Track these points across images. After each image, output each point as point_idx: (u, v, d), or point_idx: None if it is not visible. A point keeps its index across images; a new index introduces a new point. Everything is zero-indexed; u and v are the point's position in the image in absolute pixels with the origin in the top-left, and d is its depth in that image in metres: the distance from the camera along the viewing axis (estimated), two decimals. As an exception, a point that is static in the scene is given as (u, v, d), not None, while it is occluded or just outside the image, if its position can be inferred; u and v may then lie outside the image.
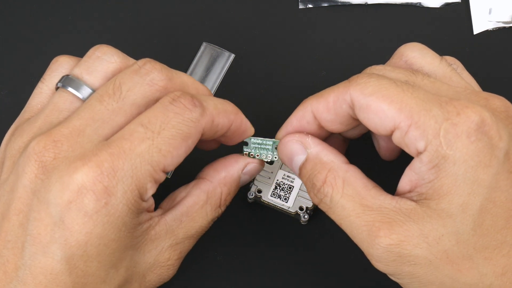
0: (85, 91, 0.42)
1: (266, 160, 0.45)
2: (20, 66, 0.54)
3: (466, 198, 0.38)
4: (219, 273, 0.49)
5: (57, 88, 0.43)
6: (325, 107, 0.41)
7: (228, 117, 0.42)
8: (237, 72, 0.54)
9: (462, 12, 0.55)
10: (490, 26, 0.55)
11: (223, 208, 0.44)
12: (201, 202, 0.43)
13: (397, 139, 0.39)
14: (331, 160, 0.42)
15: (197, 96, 0.41)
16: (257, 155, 0.45)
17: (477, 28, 0.55)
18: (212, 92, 0.53)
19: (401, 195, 0.40)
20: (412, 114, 0.38)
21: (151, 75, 0.41)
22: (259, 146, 0.45)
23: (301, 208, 0.49)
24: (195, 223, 0.43)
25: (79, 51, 0.55)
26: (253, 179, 0.49)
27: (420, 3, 0.56)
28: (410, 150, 0.39)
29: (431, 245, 0.38)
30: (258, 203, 0.50)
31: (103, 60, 0.42)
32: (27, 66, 0.54)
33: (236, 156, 0.45)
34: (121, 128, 0.40)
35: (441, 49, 0.46)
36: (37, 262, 0.38)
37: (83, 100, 0.42)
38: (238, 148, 0.45)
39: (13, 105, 0.53)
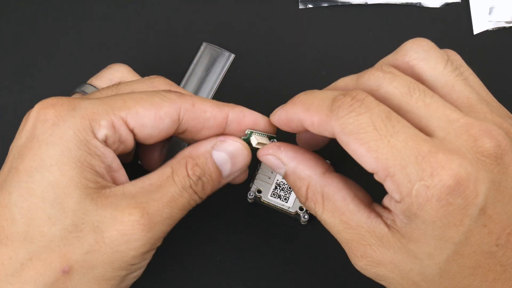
0: (90, 90, 0.46)
1: (264, 142, 0.44)
2: (20, 66, 0.54)
3: (433, 249, 0.38)
4: (219, 273, 0.49)
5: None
6: (310, 125, 0.41)
7: (219, 107, 0.43)
8: (237, 72, 0.54)
9: (462, 12, 0.55)
10: (490, 26, 0.55)
11: (194, 179, 0.42)
12: (166, 174, 0.42)
13: (378, 180, 0.39)
14: (308, 175, 0.42)
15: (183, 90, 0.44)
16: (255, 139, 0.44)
17: (477, 28, 0.55)
18: (212, 92, 0.53)
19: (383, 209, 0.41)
20: (388, 167, 0.37)
21: (156, 79, 0.44)
22: (259, 134, 0.44)
23: (301, 208, 0.49)
24: (161, 188, 0.41)
25: (79, 52, 0.55)
26: (253, 179, 0.49)
27: (420, 3, 0.56)
28: None
29: (402, 273, 0.39)
30: (258, 203, 0.50)
31: (111, 69, 0.46)
32: (27, 66, 0.54)
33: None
34: None
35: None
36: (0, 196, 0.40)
37: None
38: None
39: (13, 105, 0.53)
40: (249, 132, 0.44)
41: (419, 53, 0.41)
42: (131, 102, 0.41)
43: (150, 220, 0.40)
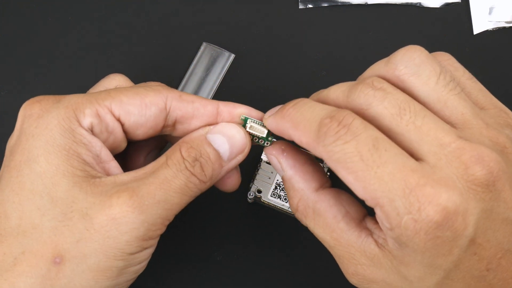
0: None
1: (260, 135, 0.44)
2: (20, 66, 0.54)
3: (423, 274, 0.38)
4: (219, 273, 0.49)
5: None
6: (299, 143, 0.40)
7: (208, 99, 0.43)
8: (237, 72, 0.54)
9: (462, 12, 0.55)
10: (490, 26, 0.55)
11: (189, 160, 0.41)
12: (161, 161, 0.41)
13: (368, 205, 0.38)
14: (301, 188, 0.42)
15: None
16: (251, 127, 0.44)
17: (477, 28, 0.55)
18: (212, 92, 0.53)
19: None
20: (376, 197, 0.37)
21: (153, 84, 0.44)
22: (255, 122, 0.44)
23: (301, 208, 0.49)
24: (154, 173, 0.40)
25: (79, 52, 0.55)
26: (253, 179, 0.49)
27: (420, 3, 0.56)
28: None
29: None
30: (258, 203, 0.50)
31: (108, 78, 0.45)
32: (27, 66, 0.54)
33: None
34: None
35: (441, 49, 0.46)
36: None
37: None
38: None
39: (13, 105, 0.53)
40: (244, 118, 0.44)
41: (410, 67, 0.39)
42: (115, 92, 0.42)
43: (140, 201, 0.39)
